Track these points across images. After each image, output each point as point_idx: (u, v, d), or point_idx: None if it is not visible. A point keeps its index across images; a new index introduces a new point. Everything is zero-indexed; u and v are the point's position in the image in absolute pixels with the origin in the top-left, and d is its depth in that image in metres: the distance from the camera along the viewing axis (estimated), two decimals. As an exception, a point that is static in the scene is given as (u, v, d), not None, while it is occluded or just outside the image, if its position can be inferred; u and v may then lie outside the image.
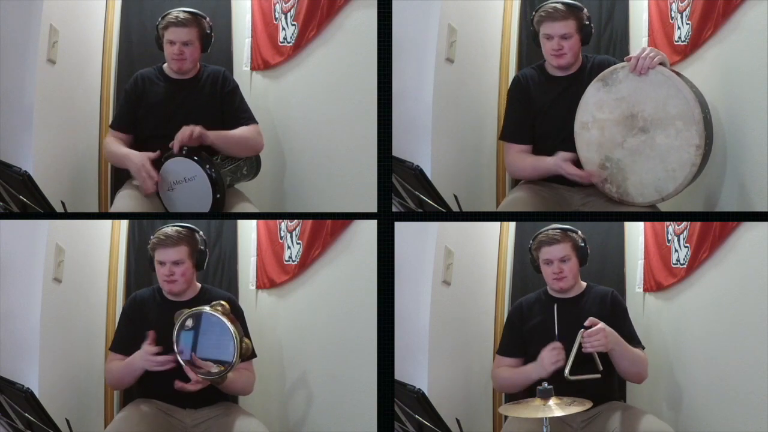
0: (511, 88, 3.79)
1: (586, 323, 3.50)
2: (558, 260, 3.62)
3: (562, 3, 3.65)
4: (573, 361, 3.45)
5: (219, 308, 3.51)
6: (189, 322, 3.51)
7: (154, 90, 3.79)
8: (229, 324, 3.48)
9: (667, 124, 3.50)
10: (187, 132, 3.64)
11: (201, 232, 3.69)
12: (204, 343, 3.50)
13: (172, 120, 3.72)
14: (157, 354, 3.54)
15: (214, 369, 3.49)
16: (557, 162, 3.66)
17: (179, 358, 3.50)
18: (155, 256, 3.66)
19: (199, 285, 3.73)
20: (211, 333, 3.50)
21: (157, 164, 3.69)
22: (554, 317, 3.58)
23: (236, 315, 3.58)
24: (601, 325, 3.50)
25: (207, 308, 3.52)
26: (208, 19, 3.77)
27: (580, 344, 3.47)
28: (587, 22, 3.67)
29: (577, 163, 3.66)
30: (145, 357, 3.55)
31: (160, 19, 3.75)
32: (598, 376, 3.48)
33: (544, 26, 3.66)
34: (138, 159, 3.71)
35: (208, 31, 3.77)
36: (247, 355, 3.53)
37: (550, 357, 3.52)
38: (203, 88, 3.79)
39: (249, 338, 3.58)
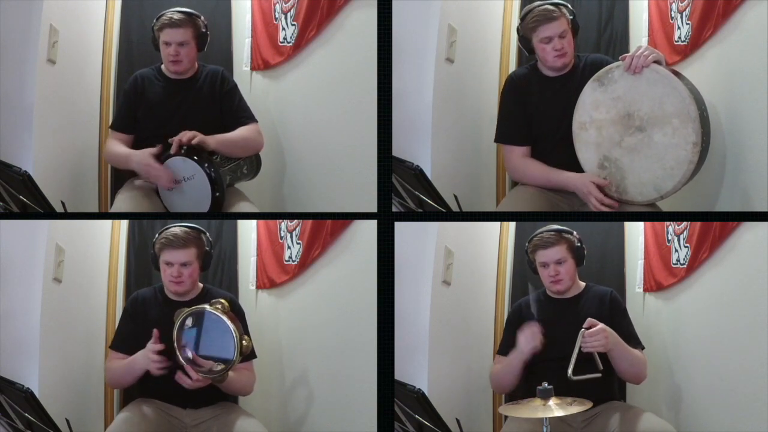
0: (504, 88, 3.78)
1: (586, 324, 3.50)
2: (554, 263, 3.63)
3: (551, 3, 3.65)
4: (575, 360, 3.44)
5: (219, 306, 3.51)
6: (189, 321, 3.51)
7: (153, 90, 3.79)
8: (228, 322, 3.48)
9: (663, 122, 3.50)
10: (186, 136, 3.64)
11: (207, 233, 3.69)
12: (204, 342, 3.50)
13: (172, 120, 3.73)
14: (160, 353, 3.53)
15: (215, 367, 3.49)
16: (586, 184, 3.62)
17: (180, 357, 3.50)
18: (162, 256, 3.65)
19: (201, 285, 3.74)
20: (212, 331, 3.49)
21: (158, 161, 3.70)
22: (530, 295, 3.65)
23: (236, 314, 3.58)
24: (600, 325, 3.49)
25: (207, 306, 3.52)
26: (203, 18, 3.77)
27: (581, 345, 3.47)
28: (572, 17, 3.67)
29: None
30: (148, 355, 3.54)
31: (155, 20, 3.75)
32: (599, 375, 3.48)
33: (541, 30, 3.63)
34: (140, 158, 3.71)
35: (204, 31, 3.77)
36: (247, 353, 3.52)
37: (525, 337, 3.57)
38: (202, 88, 3.79)
39: (249, 337, 3.58)
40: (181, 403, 3.65)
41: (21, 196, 3.70)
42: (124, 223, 3.92)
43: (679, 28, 3.76)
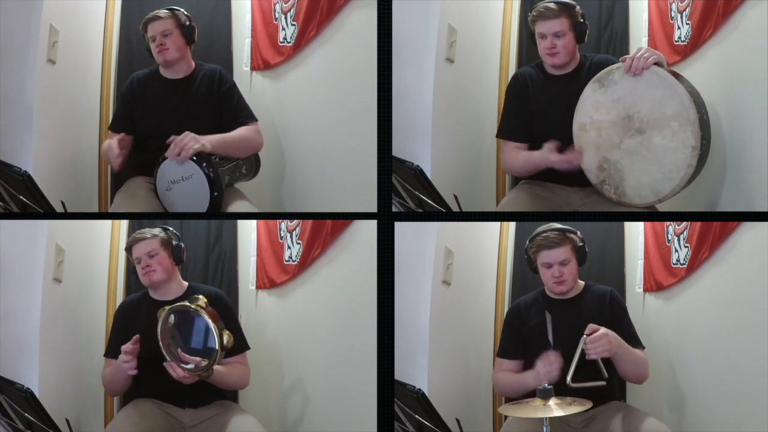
0: (509, 86, 3.79)
1: (587, 331, 3.45)
2: (558, 264, 3.59)
3: (555, 2, 3.65)
4: (575, 366, 3.40)
5: (198, 303, 3.52)
6: (171, 319, 3.52)
7: (150, 91, 3.80)
8: (207, 318, 3.48)
9: (662, 125, 3.50)
10: (187, 146, 3.64)
11: (171, 229, 3.71)
12: (187, 339, 3.51)
13: (169, 120, 3.73)
14: (132, 354, 3.54)
15: (201, 363, 3.49)
16: (543, 154, 3.64)
17: (165, 355, 3.50)
18: (132, 255, 3.68)
19: (186, 283, 3.75)
20: (192, 328, 3.51)
21: (154, 162, 3.70)
22: (548, 324, 3.54)
23: (220, 309, 3.59)
24: (602, 330, 3.45)
25: (187, 304, 3.53)
26: (183, 10, 3.77)
27: (583, 351, 3.42)
28: (581, 20, 3.66)
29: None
30: (120, 357, 3.56)
31: (140, 26, 3.78)
32: (603, 383, 3.43)
33: (538, 25, 3.66)
34: (107, 142, 3.75)
35: (187, 22, 3.77)
36: (229, 348, 3.52)
37: (544, 367, 3.48)
38: (199, 88, 3.79)
39: (235, 331, 3.59)
40: (179, 402, 3.65)
41: (21, 196, 3.70)
42: (124, 223, 3.93)
43: (679, 28, 3.75)
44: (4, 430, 3.70)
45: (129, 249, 3.71)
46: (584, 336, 3.44)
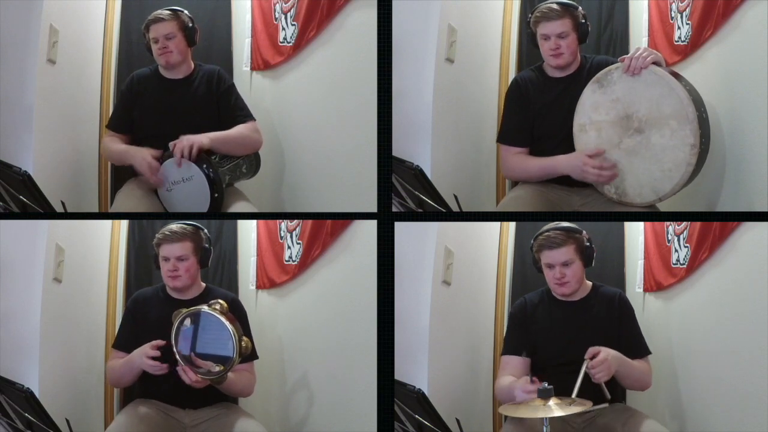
0: (509, 90, 3.78)
1: (588, 354, 3.41)
2: (560, 265, 3.56)
3: (557, 2, 3.65)
4: (578, 389, 3.35)
5: (217, 307, 3.51)
6: (187, 321, 3.51)
7: (149, 90, 3.80)
8: (227, 323, 3.47)
9: (661, 124, 3.50)
10: (187, 148, 3.63)
11: (205, 230, 3.70)
12: (203, 343, 3.49)
13: (168, 120, 3.74)
14: (156, 358, 3.53)
15: (214, 368, 3.48)
16: (580, 158, 3.59)
17: (178, 358, 3.50)
18: (160, 252, 3.66)
19: (203, 284, 3.74)
20: (210, 332, 3.49)
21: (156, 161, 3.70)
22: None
23: (237, 314, 3.58)
24: (603, 354, 3.40)
25: (205, 307, 3.52)
26: (187, 12, 3.78)
27: (586, 372, 3.38)
28: (583, 21, 3.67)
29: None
30: (143, 357, 3.55)
31: (143, 25, 3.78)
32: (606, 405, 3.41)
33: (541, 26, 3.66)
34: (142, 154, 3.71)
35: (190, 24, 3.77)
36: (247, 354, 3.52)
37: (519, 392, 3.37)
38: (198, 88, 3.79)
39: (250, 337, 3.58)
40: (180, 403, 3.65)
41: (21, 196, 3.70)
42: (124, 223, 3.93)
43: (679, 28, 3.76)
44: (4, 430, 3.70)
45: (158, 245, 3.67)
46: (586, 360, 3.40)
